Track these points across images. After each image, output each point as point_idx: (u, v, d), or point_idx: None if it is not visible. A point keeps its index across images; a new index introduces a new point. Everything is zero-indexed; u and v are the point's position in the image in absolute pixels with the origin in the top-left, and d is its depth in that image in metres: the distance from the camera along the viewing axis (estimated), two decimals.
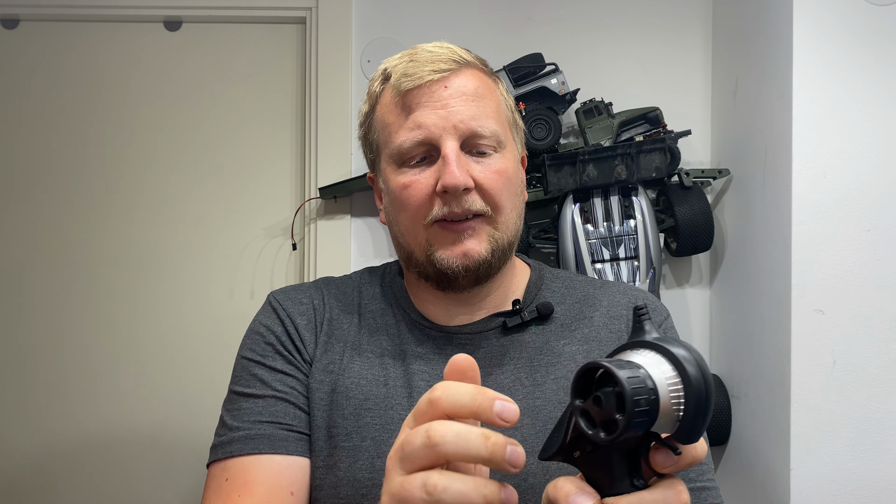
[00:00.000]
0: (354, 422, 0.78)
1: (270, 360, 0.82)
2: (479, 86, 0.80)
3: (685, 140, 1.53)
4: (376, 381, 0.80)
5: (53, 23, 1.63)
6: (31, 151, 1.63)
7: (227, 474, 0.76)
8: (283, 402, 0.79)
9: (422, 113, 0.78)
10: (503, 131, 0.81)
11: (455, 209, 0.77)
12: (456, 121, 0.77)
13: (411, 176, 0.79)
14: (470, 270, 0.78)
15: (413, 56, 0.80)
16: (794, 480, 1.22)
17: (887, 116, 1.23)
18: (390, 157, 0.81)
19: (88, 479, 1.60)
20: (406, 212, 0.80)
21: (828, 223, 1.23)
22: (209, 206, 1.63)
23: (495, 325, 0.84)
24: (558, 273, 0.92)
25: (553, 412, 0.78)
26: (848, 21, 1.23)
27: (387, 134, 0.81)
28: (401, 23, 1.59)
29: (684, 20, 1.60)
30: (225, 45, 1.64)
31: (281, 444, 0.77)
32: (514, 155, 0.83)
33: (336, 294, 0.88)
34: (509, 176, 0.80)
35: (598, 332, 0.84)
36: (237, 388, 0.81)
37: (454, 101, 0.78)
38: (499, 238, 0.79)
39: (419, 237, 0.80)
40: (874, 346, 1.22)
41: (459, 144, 0.78)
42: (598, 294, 0.88)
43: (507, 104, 0.85)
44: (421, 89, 0.78)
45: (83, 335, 1.61)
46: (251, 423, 0.78)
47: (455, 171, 0.75)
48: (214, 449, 0.79)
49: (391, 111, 0.80)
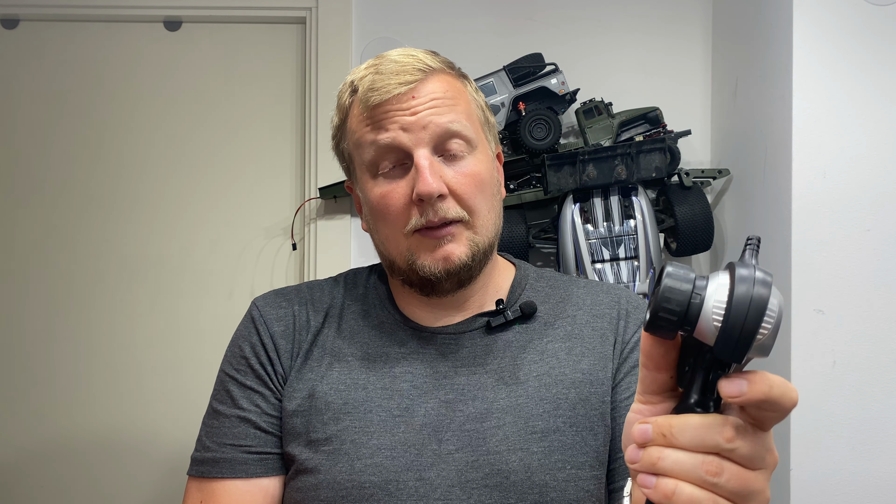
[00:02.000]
0: (334, 426, 0.79)
1: (243, 375, 0.85)
2: (448, 90, 0.81)
3: (685, 140, 1.53)
4: (355, 384, 0.81)
5: (53, 23, 1.63)
6: (30, 151, 1.63)
7: (200, 496, 0.82)
8: (244, 422, 0.83)
9: (391, 124, 0.78)
10: (474, 132, 0.82)
11: (432, 218, 0.77)
12: (425, 127, 0.78)
13: (386, 186, 0.80)
14: (452, 275, 0.79)
15: (378, 67, 0.81)
16: (794, 480, 1.22)
17: (887, 116, 1.23)
18: (364, 168, 0.82)
19: (87, 480, 1.60)
20: (385, 222, 0.81)
21: (828, 223, 1.23)
22: (209, 206, 1.63)
23: (479, 324, 0.84)
24: (543, 273, 0.93)
25: (535, 409, 0.79)
26: (848, 21, 1.23)
27: (359, 145, 0.82)
28: (401, 23, 1.59)
29: (684, 20, 1.60)
30: (225, 45, 1.64)
31: (241, 467, 0.81)
32: (487, 155, 0.84)
33: (319, 297, 0.89)
34: (483, 178, 0.81)
35: (581, 330, 0.85)
36: (213, 401, 0.87)
37: (423, 109, 0.78)
38: (478, 241, 0.80)
39: (400, 246, 0.81)
40: (874, 346, 1.22)
41: (431, 150, 0.78)
42: (582, 293, 0.89)
43: (477, 104, 0.86)
44: (389, 102, 0.78)
45: (81, 335, 1.61)
46: (218, 445, 0.82)
47: (428, 179, 0.76)
48: (192, 461, 0.84)
49: (361, 123, 0.81)
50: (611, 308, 0.87)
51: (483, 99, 0.88)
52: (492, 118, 0.89)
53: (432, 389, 0.80)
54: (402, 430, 0.78)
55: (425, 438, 0.78)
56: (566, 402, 0.80)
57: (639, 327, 0.86)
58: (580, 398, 0.80)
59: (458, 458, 0.77)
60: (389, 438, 0.78)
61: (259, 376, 0.84)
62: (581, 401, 0.80)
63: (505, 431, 0.78)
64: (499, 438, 0.77)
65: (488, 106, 0.89)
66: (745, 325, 0.41)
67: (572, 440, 0.78)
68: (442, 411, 0.79)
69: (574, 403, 0.80)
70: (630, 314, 0.86)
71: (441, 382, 0.81)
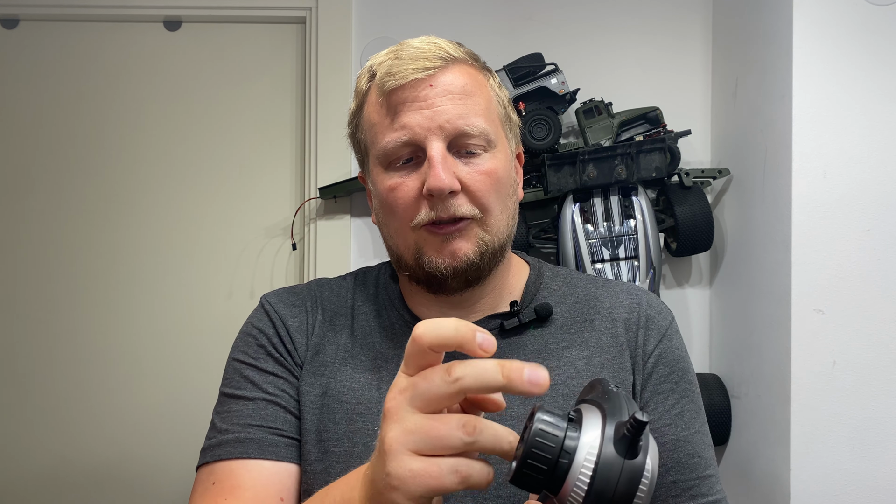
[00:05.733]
0: (346, 426, 0.76)
1: (262, 362, 0.80)
2: (468, 83, 0.77)
3: (685, 140, 1.53)
4: (369, 384, 0.79)
5: (53, 23, 1.63)
6: (30, 151, 1.63)
7: (213, 478, 0.75)
8: (273, 405, 0.78)
9: (406, 113, 0.75)
10: (493, 129, 0.78)
11: (442, 214, 0.74)
12: (442, 121, 0.74)
13: (398, 178, 0.77)
14: (458, 272, 0.76)
15: (398, 53, 0.77)
16: (794, 480, 1.22)
17: (887, 116, 1.23)
18: (377, 159, 0.79)
19: (87, 482, 1.60)
20: (394, 215, 0.78)
21: (828, 223, 1.23)
22: (209, 205, 1.63)
23: (492, 326, 0.81)
24: (559, 271, 0.89)
25: None
26: (848, 21, 1.23)
27: (373, 134, 0.79)
28: (401, 23, 1.59)
29: (684, 20, 1.60)
30: (225, 45, 1.64)
31: (271, 449, 0.76)
32: (505, 154, 0.80)
33: (329, 296, 0.87)
34: (499, 177, 0.77)
35: (600, 337, 0.81)
36: (227, 390, 0.80)
37: (440, 100, 0.75)
38: (488, 241, 0.77)
39: (408, 240, 0.78)
40: (874, 346, 1.22)
41: (446, 145, 0.75)
42: (601, 294, 0.85)
43: (498, 100, 0.82)
44: (405, 88, 0.75)
45: (80, 335, 1.61)
46: (240, 427, 0.76)
47: (440, 174, 0.73)
48: (203, 452, 0.78)
49: (377, 111, 0.78)
50: (630, 312, 0.83)
51: (506, 95, 0.84)
52: (514, 116, 0.85)
53: None
54: None
55: None
56: None
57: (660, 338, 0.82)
58: None
59: None
60: None
61: (280, 363, 0.80)
62: None
63: None
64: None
65: (511, 103, 0.85)
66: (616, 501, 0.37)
67: None
68: None
69: None
70: (651, 321, 0.82)
71: None
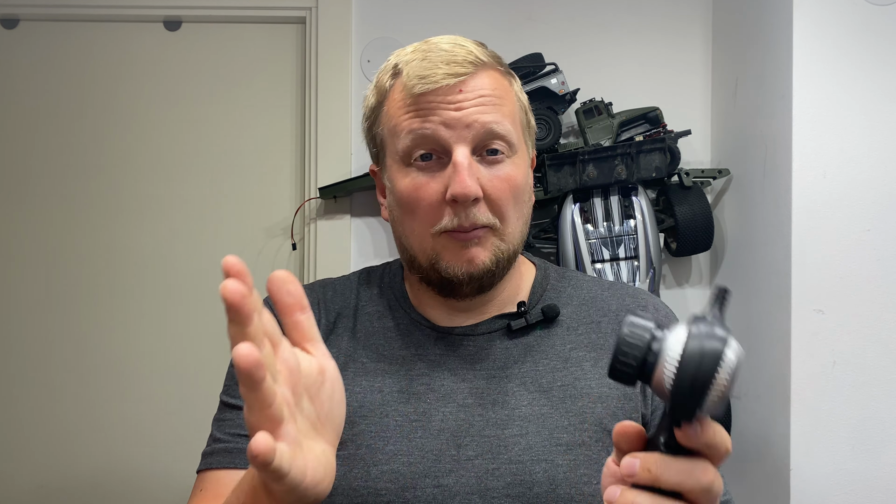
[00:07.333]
0: (349, 430, 0.76)
1: None
2: (496, 87, 0.77)
3: (685, 140, 1.53)
4: (371, 387, 0.79)
5: (53, 23, 1.63)
6: (30, 151, 1.63)
7: (203, 485, 0.77)
8: None
9: (434, 115, 0.74)
10: (517, 135, 0.78)
11: (463, 222, 0.74)
12: (469, 125, 0.74)
13: (419, 178, 0.76)
14: (474, 279, 0.77)
15: (427, 54, 0.76)
16: (794, 480, 1.22)
17: (887, 116, 1.23)
18: (397, 155, 0.78)
19: (87, 484, 1.60)
20: (413, 217, 0.77)
21: (828, 223, 1.23)
22: (209, 206, 1.63)
23: (499, 326, 0.81)
24: (565, 272, 0.89)
25: (561, 421, 0.76)
26: (848, 21, 1.23)
27: (395, 132, 0.77)
28: (401, 23, 1.59)
29: (684, 20, 1.60)
30: (225, 45, 1.64)
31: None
32: (524, 160, 0.80)
33: (332, 297, 0.86)
34: (518, 183, 0.77)
35: (606, 340, 0.82)
36: (224, 397, 0.82)
37: (469, 104, 0.75)
38: (504, 249, 0.77)
39: (425, 245, 0.77)
40: (874, 346, 1.22)
41: (471, 149, 0.75)
42: (607, 296, 0.85)
43: (521, 105, 0.81)
44: (435, 92, 0.75)
45: (80, 335, 1.61)
46: (231, 437, 0.78)
47: (466, 180, 0.72)
48: (201, 458, 0.80)
49: (401, 110, 0.77)
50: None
51: (527, 100, 0.84)
52: (532, 121, 0.85)
53: (450, 393, 0.78)
54: (420, 435, 0.76)
55: (443, 444, 0.75)
56: (593, 417, 0.77)
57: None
58: (608, 413, 0.77)
59: (477, 464, 0.74)
60: (406, 444, 0.75)
61: None
62: (609, 416, 0.77)
63: (528, 440, 0.75)
64: (522, 447, 0.75)
65: (531, 108, 0.85)
66: (695, 385, 0.42)
67: (598, 455, 0.75)
68: (461, 416, 0.76)
69: (601, 418, 0.77)
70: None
71: (459, 386, 0.78)
